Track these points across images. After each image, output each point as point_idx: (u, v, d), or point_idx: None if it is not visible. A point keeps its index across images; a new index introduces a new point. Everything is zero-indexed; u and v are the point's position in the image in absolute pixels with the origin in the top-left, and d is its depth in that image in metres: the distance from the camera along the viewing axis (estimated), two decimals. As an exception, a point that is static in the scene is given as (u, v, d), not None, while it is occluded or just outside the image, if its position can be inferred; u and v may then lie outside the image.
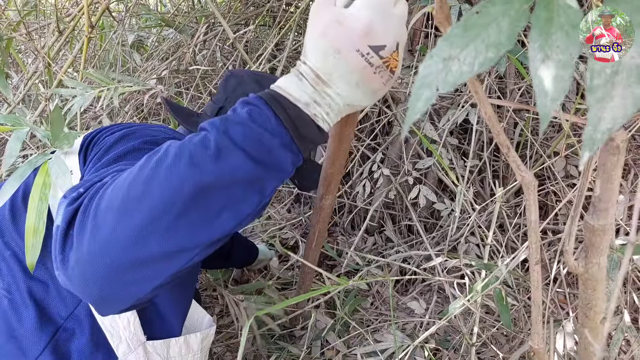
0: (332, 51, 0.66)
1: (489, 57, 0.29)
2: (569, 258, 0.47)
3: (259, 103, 0.68)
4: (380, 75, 0.68)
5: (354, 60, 0.65)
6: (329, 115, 0.70)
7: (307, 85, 0.68)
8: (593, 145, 0.28)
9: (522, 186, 0.43)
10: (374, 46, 0.65)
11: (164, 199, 0.61)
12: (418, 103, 0.30)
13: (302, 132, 0.68)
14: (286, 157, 0.68)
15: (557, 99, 0.28)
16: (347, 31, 0.65)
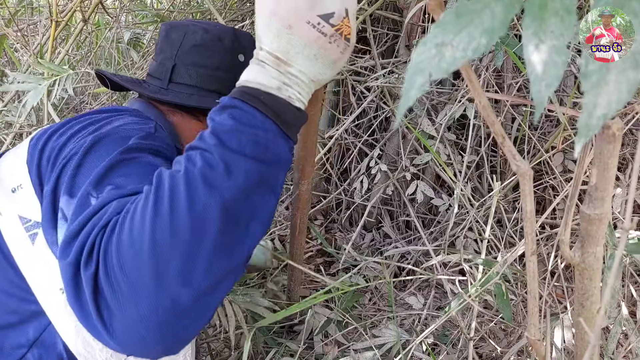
0: (284, 28, 0.66)
1: (482, 43, 0.29)
2: (565, 248, 0.47)
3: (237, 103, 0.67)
4: (337, 44, 0.69)
5: (306, 32, 0.66)
6: (302, 94, 0.71)
7: (270, 70, 0.68)
8: (588, 131, 0.27)
9: (518, 176, 0.42)
10: (323, 15, 0.66)
11: (195, 232, 0.59)
12: (411, 90, 0.29)
13: (285, 118, 0.69)
14: (282, 146, 0.69)
15: (552, 85, 0.28)
16: (294, 5, 0.65)
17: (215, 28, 1.10)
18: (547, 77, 0.28)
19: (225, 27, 1.13)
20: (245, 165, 0.63)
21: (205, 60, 1.07)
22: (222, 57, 1.08)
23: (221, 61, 1.08)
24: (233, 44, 1.09)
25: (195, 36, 1.07)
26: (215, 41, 1.08)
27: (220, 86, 1.08)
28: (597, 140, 0.42)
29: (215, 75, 1.08)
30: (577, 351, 0.55)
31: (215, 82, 1.08)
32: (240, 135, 0.64)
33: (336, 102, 2.29)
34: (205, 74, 1.07)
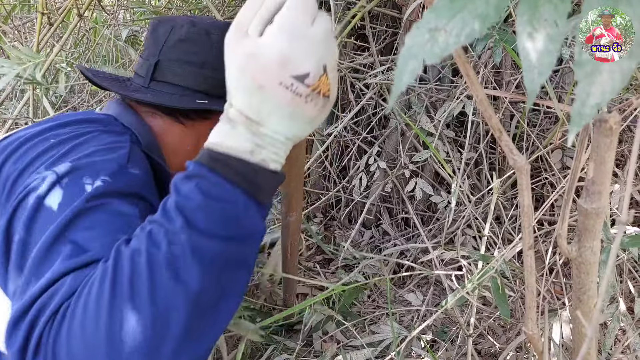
0: (255, 88, 0.59)
1: (475, 28, 0.29)
2: (562, 242, 0.46)
3: (204, 172, 0.61)
4: (314, 103, 0.61)
5: (279, 94, 0.59)
6: (277, 154, 0.64)
7: (242, 131, 0.61)
8: (581, 120, 0.27)
9: (515, 170, 0.42)
10: (296, 76, 0.58)
11: (158, 329, 0.54)
12: (404, 75, 0.29)
13: (258, 185, 0.62)
14: (254, 218, 0.62)
15: (545, 73, 0.27)
16: (264, 64, 0.58)
17: (203, 22, 1.02)
18: (540, 65, 0.27)
19: (216, 21, 1.04)
20: (215, 248, 0.58)
21: (190, 56, 0.98)
22: (209, 52, 0.98)
23: (208, 57, 0.98)
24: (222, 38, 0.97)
25: (181, 30, 0.99)
26: (201, 35, 0.98)
27: (208, 86, 0.98)
28: (594, 134, 0.42)
29: (202, 73, 0.98)
30: (574, 346, 0.55)
31: (202, 81, 0.98)
32: (208, 212, 0.58)
33: (335, 100, 2.28)
34: (190, 72, 0.98)
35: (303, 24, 0.58)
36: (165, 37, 0.99)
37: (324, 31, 0.60)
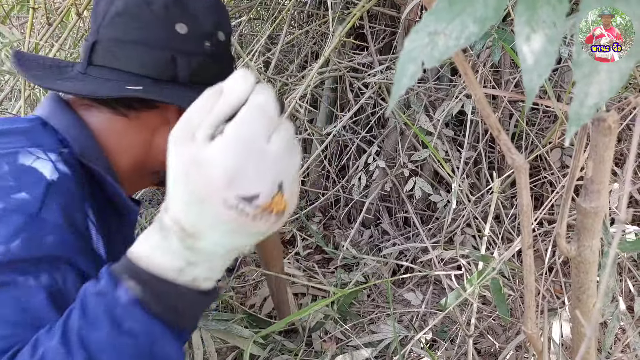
0: (195, 200, 0.50)
1: (474, 31, 0.29)
2: (562, 241, 0.46)
3: (118, 293, 0.51)
4: (264, 221, 0.51)
5: (221, 212, 0.49)
6: (213, 270, 0.55)
7: (174, 243, 0.51)
8: (579, 120, 0.27)
9: (513, 169, 0.42)
10: (244, 197, 0.49)
11: None
12: (404, 78, 0.29)
13: (182, 311, 0.53)
14: (171, 348, 0.53)
15: (544, 74, 0.27)
16: (207, 178, 0.49)
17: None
18: (538, 66, 0.27)
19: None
20: None
21: (128, 33, 0.83)
22: (150, 27, 0.83)
23: (149, 33, 0.83)
24: (168, 9, 0.84)
25: (119, 2, 0.84)
26: (141, 6, 0.83)
27: (151, 68, 0.84)
28: (592, 133, 0.42)
29: (142, 53, 0.83)
30: (574, 345, 0.55)
31: (143, 63, 0.84)
32: (116, 350, 0.50)
33: (334, 99, 2.29)
34: (128, 53, 0.83)
35: (258, 138, 0.50)
36: (104, 11, 0.85)
37: (283, 145, 0.51)
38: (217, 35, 0.90)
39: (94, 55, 0.84)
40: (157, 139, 0.88)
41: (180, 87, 0.85)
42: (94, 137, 0.82)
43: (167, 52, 0.84)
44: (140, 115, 0.85)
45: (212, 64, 0.90)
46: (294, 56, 2.40)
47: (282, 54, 2.40)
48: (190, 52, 0.86)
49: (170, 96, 0.82)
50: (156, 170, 0.92)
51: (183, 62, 0.85)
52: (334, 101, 2.29)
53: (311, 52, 2.37)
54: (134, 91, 0.80)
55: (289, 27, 2.14)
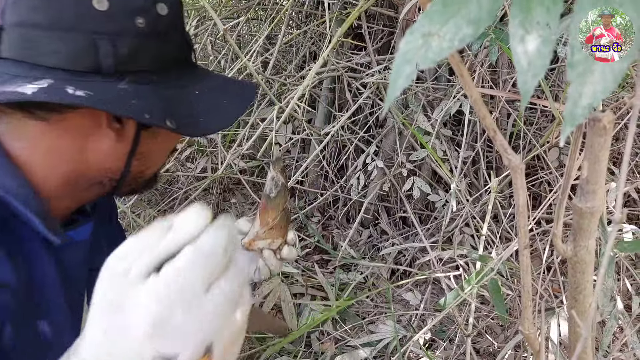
0: (107, 341, 0.43)
1: (469, 33, 0.29)
2: (558, 241, 0.47)
3: None
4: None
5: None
6: None
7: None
8: (574, 120, 0.27)
9: (509, 169, 0.42)
10: (162, 354, 0.42)
11: None
12: (399, 79, 0.29)
13: None
14: None
15: (538, 75, 0.27)
16: (127, 322, 0.43)
17: None
18: (533, 67, 0.28)
19: None
20: None
21: (33, 14, 0.66)
22: (60, 5, 0.66)
23: (58, 12, 0.65)
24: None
25: None
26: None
27: (65, 59, 0.66)
28: (587, 134, 0.42)
29: (53, 39, 0.66)
30: (571, 345, 0.55)
31: (53, 52, 0.66)
32: None
33: (332, 99, 2.29)
34: (34, 39, 0.66)
35: (194, 288, 0.43)
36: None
37: (221, 300, 0.45)
38: (155, 7, 0.71)
39: (1, 44, 0.67)
40: (92, 144, 0.71)
41: (104, 80, 0.68)
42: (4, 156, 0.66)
43: (84, 35, 0.66)
44: (65, 118, 0.68)
45: (150, 46, 0.71)
46: (292, 56, 2.40)
47: (280, 55, 2.40)
48: (115, 33, 0.67)
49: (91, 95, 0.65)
50: (99, 180, 0.76)
51: (106, 46, 0.67)
52: (332, 101, 2.29)
53: (309, 52, 2.38)
54: (36, 92, 0.62)
55: (287, 27, 2.15)
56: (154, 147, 0.79)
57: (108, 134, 0.71)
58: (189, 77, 0.78)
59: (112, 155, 0.73)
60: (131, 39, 0.69)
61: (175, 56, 0.77)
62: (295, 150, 2.44)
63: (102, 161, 0.73)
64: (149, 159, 0.79)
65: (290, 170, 2.39)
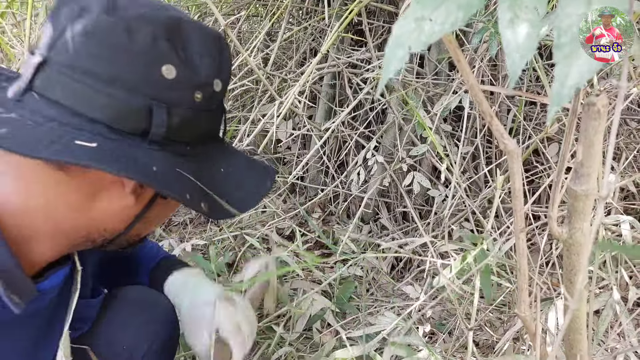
0: None
1: (459, 17, 0.30)
2: (553, 224, 0.48)
3: None
4: None
5: None
6: None
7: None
8: (560, 100, 0.28)
9: (506, 154, 0.44)
10: None
11: None
12: (392, 62, 0.31)
13: None
14: None
15: (526, 56, 0.29)
16: None
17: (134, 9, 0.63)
18: (521, 49, 0.29)
19: (159, 12, 0.65)
20: None
21: (91, 62, 0.61)
22: (126, 62, 0.62)
23: (124, 70, 0.62)
24: (156, 43, 0.63)
25: (90, 17, 0.61)
26: (118, 32, 0.61)
27: (113, 115, 0.62)
28: (582, 117, 0.43)
29: (105, 92, 0.61)
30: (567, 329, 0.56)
31: (105, 107, 0.62)
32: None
33: (333, 95, 2.30)
34: (86, 88, 0.61)
35: None
36: (65, 23, 0.61)
37: None
38: (213, 84, 0.70)
39: (38, 78, 0.61)
40: (101, 202, 0.69)
41: (151, 146, 0.65)
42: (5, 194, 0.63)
43: (143, 99, 0.63)
44: (87, 171, 0.65)
45: (199, 120, 0.70)
46: (293, 53, 2.41)
47: (280, 51, 2.41)
48: (173, 104, 0.65)
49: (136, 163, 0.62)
50: (92, 238, 0.73)
51: (161, 114, 0.64)
52: (332, 97, 2.30)
53: (310, 48, 2.39)
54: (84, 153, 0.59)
55: (288, 23, 2.15)
56: (160, 213, 0.78)
57: (126, 197, 0.69)
58: (217, 152, 0.78)
59: (119, 216, 0.72)
60: (185, 110, 0.67)
61: (211, 132, 0.76)
62: (296, 146, 2.45)
63: (105, 220, 0.71)
64: (151, 223, 0.79)
65: (291, 166, 2.40)
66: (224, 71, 0.73)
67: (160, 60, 0.63)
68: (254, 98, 2.38)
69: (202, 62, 0.68)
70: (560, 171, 0.47)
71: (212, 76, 0.70)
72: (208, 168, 0.74)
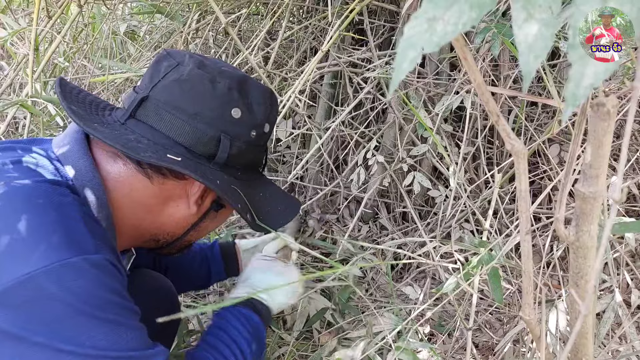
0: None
1: (472, 17, 0.29)
2: (560, 226, 0.47)
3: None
4: None
5: None
6: None
7: None
8: (575, 101, 0.28)
9: (512, 154, 0.43)
10: None
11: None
12: (404, 63, 0.30)
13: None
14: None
15: (540, 56, 0.28)
16: None
17: (214, 65, 0.89)
18: (535, 49, 0.28)
19: (234, 72, 0.90)
20: None
21: (182, 101, 0.85)
22: (208, 104, 0.86)
23: (204, 108, 0.86)
24: (230, 91, 0.87)
25: (184, 69, 0.86)
26: (204, 80, 0.86)
27: (193, 140, 0.86)
28: (591, 118, 0.42)
29: (189, 123, 0.85)
30: (572, 330, 0.56)
31: (187, 133, 0.85)
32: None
33: (333, 94, 2.29)
34: (177, 119, 0.85)
35: None
36: (165, 72, 0.87)
37: None
38: (264, 126, 0.94)
39: (140, 109, 0.85)
40: (170, 209, 0.90)
41: (214, 167, 0.88)
42: (104, 190, 0.82)
43: (216, 131, 0.86)
44: (165, 182, 0.87)
45: (250, 152, 0.93)
46: (293, 51, 2.40)
47: (281, 49, 2.40)
48: (236, 137, 0.89)
49: (206, 175, 0.84)
50: (158, 238, 0.95)
51: (226, 144, 0.87)
52: (333, 96, 2.29)
53: (310, 47, 2.38)
54: (174, 162, 0.81)
55: (288, 22, 2.15)
56: (209, 225, 0.99)
57: (190, 207, 0.91)
58: (258, 182, 1.01)
59: (180, 223, 0.93)
60: (244, 144, 0.90)
61: (256, 163, 1.00)
62: (296, 145, 2.45)
63: (170, 224, 0.92)
64: (202, 232, 0.99)
65: (291, 166, 2.39)
66: (272, 117, 0.97)
67: (232, 104, 0.87)
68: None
69: (259, 109, 0.91)
70: (568, 172, 0.47)
71: (264, 120, 0.93)
72: (252, 190, 0.95)
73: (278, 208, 1.00)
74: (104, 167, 0.84)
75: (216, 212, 0.96)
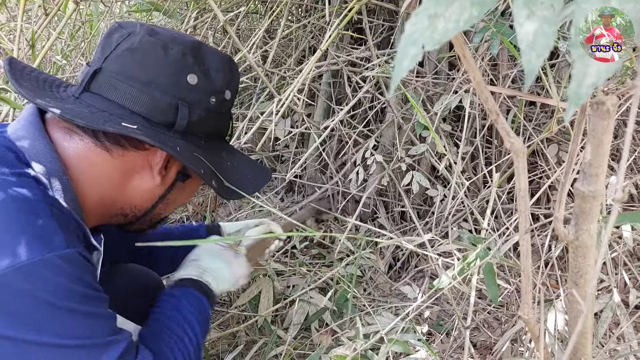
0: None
1: (473, 14, 0.29)
2: (559, 225, 0.47)
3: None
4: None
5: None
6: None
7: None
8: (578, 100, 0.28)
9: (512, 153, 0.43)
10: None
11: None
12: (405, 61, 0.30)
13: None
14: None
15: (542, 55, 0.28)
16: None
17: (165, 33, 0.87)
18: (537, 47, 0.28)
19: (187, 37, 0.89)
20: None
21: (135, 69, 0.83)
22: (160, 69, 0.84)
23: (158, 76, 0.84)
24: (184, 57, 0.86)
25: (135, 38, 0.84)
26: (157, 48, 0.84)
27: (149, 109, 0.84)
28: (591, 117, 0.42)
29: (145, 92, 0.83)
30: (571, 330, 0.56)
31: (143, 102, 0.84)
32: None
33: (332, 93, 2.29)
34: (131, 88, 0.83)
35: None
36: (117, 43, 0.85)
37: None
38: (224, 93, 0.93)
39: (94, 82, 0.84)
40: (134, 181, 0.89)
41: (174, 135, 0.87)
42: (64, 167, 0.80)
43: (172, 98, 0.85)
44: (125, 154, 0.85)
45: (211, 119, 0.92)
46: (292, 50, 2.40)
47: (279, 48, 2.40)
48: (194, 104, 0.87)
49: (166, 143, 0.83)
50: (125, 213, 0.93)
51: (185, 111, 0.86)
52: (331, 95, 2.29)
53: (309, 46, 2.38)
54: (131, 130, 0.79)
55: (287, 20, 2.14)
56: (178, 197, 0.98)
57: (154, 178, 0.90)
58: (224, 149, 1.00)
59: (146, 195, 0.92)
60: (203, 111, 0.89)
61: (220, 131, 0.99)
62: (294, 144, 2.44)
63: (136, 197, 0.90)
64: (171, 205, 0.98)
65: (289, 164, 2.39)
66: (233, 84, 0.95)
67: (187, 70, 0.85)
68: (252, 95, 2.37)
69: (217, 76, 0.90)
70: (567, 171, 0.46)
71: (224, 87, 0.92)
72: (217, 158, 0.94)
73: (247, 176, 0.99)
74: (60, 144, 0.81)
75: (183, 182, 0.94)
